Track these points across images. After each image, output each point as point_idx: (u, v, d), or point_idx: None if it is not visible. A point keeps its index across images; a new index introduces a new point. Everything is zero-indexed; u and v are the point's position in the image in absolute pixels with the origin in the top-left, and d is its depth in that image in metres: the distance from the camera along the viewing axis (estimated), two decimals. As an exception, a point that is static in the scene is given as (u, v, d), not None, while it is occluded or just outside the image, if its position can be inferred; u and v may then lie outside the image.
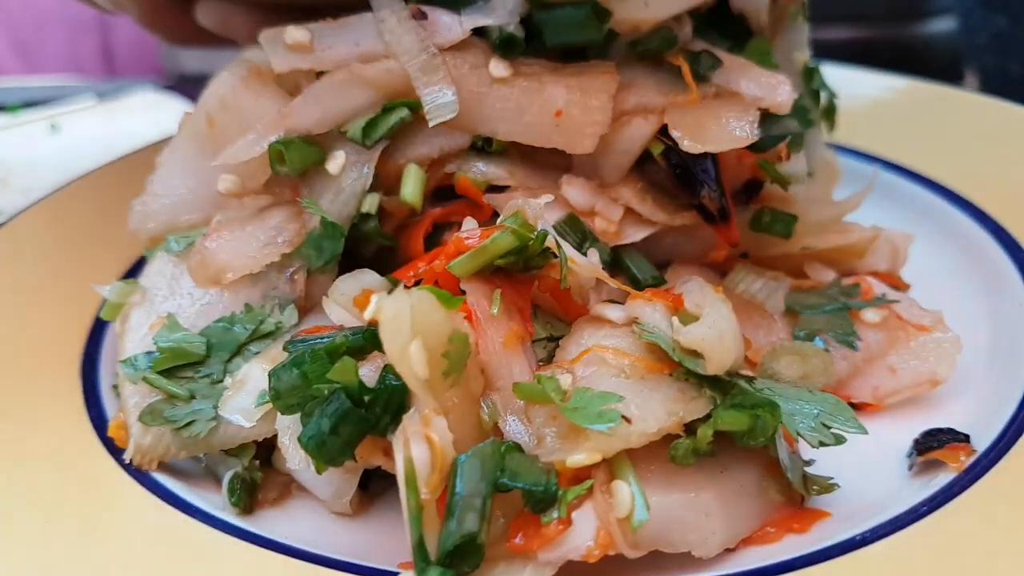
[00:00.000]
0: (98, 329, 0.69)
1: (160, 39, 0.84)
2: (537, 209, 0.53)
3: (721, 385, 0.47)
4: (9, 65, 2.12)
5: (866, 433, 0.47)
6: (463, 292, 0.51)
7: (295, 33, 0.59)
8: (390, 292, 0.52)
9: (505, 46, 0.59)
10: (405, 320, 0.43)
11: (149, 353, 0.56)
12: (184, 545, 0.50)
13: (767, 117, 0.60)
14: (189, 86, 1.79)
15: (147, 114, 1.61)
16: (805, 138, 0.68)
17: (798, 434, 0.47)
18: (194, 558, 0.49)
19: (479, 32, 0.60)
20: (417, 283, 0.57)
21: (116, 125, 1.57)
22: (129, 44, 2.07)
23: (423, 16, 0.59)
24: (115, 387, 0.62)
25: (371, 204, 0.61)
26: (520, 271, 0.53)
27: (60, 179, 1.33)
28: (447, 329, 0.45)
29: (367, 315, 0.44)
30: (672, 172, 0.61)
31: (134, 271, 0.76)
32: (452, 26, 0.59)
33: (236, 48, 0.83)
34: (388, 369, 0.47)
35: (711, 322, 0.45)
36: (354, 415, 0.46)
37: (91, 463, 0.55)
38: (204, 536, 0.50)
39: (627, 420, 0.43)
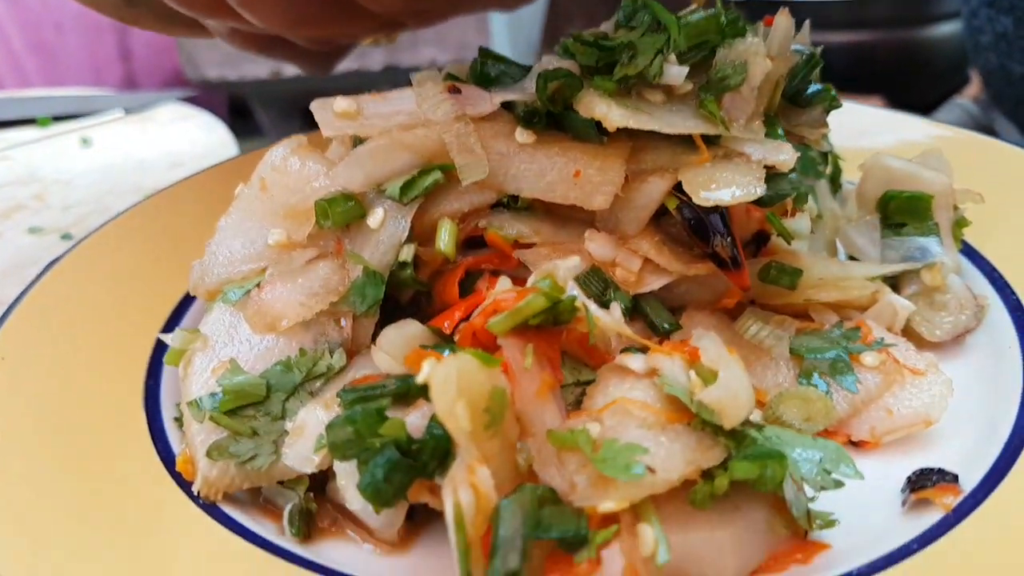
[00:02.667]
0: (156, 362, 0.75)
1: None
2: (565, 271, 0.59)
3: (735, 435, 0.52)
4: (28, 66, 2.17)
5: (863, 478, 0.53)
6: (498, 345, 0.57)
7: (342, 103, 0.64)
8: (434, 347, 0.59)
9: (529, 118, 0.65)
10: (452, 384, 0.49)
11: (213, 395, 0.62)
12: (250, 572, 0.56)
13: (774, 176, 0.65)
14: (213, 95, 1.84)
15: (175, 127, 1.66)
16: (815, 189, 0.74)
17: (802, 479, 0.52)
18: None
19: (507, 107, 0.66)
20: (454, 331, 0.64)
21: (146, 138, 1.62)
22: (147, 46, 2.12)
23: (457, 91, 0.64)
24: (177, 420, 0.69)
25: (407, 254, 0.67)
26: (550, 325, 0.58)
27: (95, 195, 1.39)
28: (488, 387, 0.51)
29: (419, 379, 0.50)
30: (687, 224, 0.66)
31: (184, 306, 0.82)
32: (483, 100, 0.65)
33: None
34: (434, 419, 0.53)
35: (727, 384, 0.51)
36: (404, 464, 0.52)
37: (163, 496, 0.61)
38: (268, 563, 0.56)
39: (651, 470, 0.49)
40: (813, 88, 0.77)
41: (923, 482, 0.57)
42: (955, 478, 0.57)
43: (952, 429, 0.63)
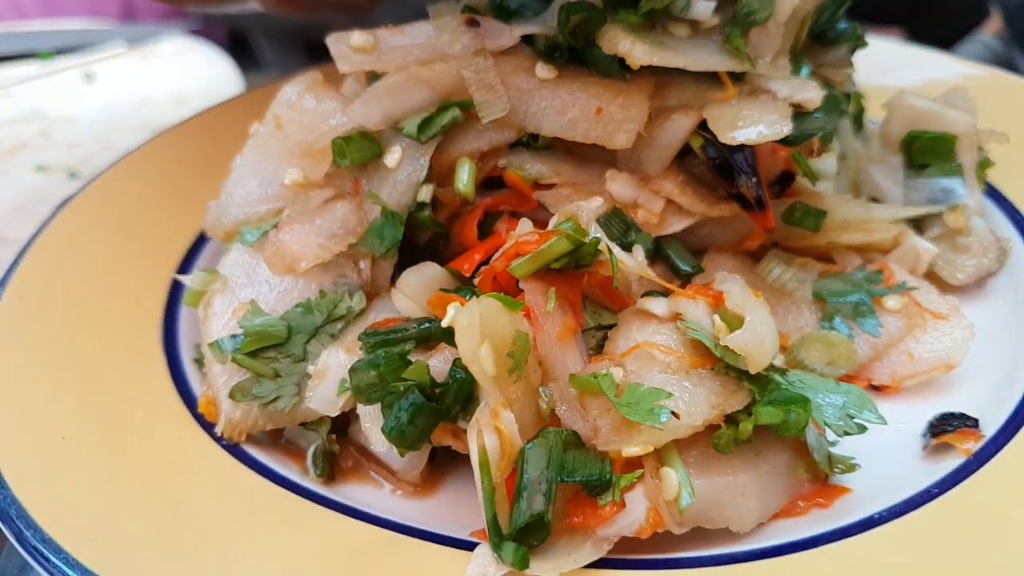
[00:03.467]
0: (172, 302, 0.74)
1: None
2: (588, 212, 0.58)
3: (759, 379, 0.52)
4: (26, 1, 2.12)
5: (886, 423, 0.53)
6: (520, 289, 0.56)
7: (359, 38, 0.62)
8: (456, 291, 0.58)
9: (550, 51, 0.63)
10: (477, 328, 0.48)
11: (234, 336, 0.62)
12: (278, 512, 0.56)
13: (799, 114, 0.64)
14: (213, 27, 1.80)
15: (179, 61, 1.62)
16: (838, 128, 0.72)
17: (825, 423, 0.52)
18: (285, 524, 0.55)
19: (527, 41, 0.64)
20: (474, 274, 0.63)
21: (149, 73, 1.58)
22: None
23: (476, 24, 0.62)
24: (196, 361, 0.69)
25: (426, 194, 0.66)
26: (571, 268, 0.58)
27: (101, 132, 1.37)
28: (511, 331, 0.51)
29: (445, 323, 0.49)
30: (711, 163, 0.65)
31: (197, 247, 0.81)
32: (502, 33, 0.63)
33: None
34: (457, 363, 0.53)
35: (753, 328, 0.50)
36: (428, 408, 0.52)
37: (186, 438, 0.61)
38: (294, 504, 0.57)
39: (676, 415, 0.49)
40: (840, 26, 0.75)
41: (944, 427, 0.57)
42: (976, 423, 0.57)
43: (973, 374, 0.62)
